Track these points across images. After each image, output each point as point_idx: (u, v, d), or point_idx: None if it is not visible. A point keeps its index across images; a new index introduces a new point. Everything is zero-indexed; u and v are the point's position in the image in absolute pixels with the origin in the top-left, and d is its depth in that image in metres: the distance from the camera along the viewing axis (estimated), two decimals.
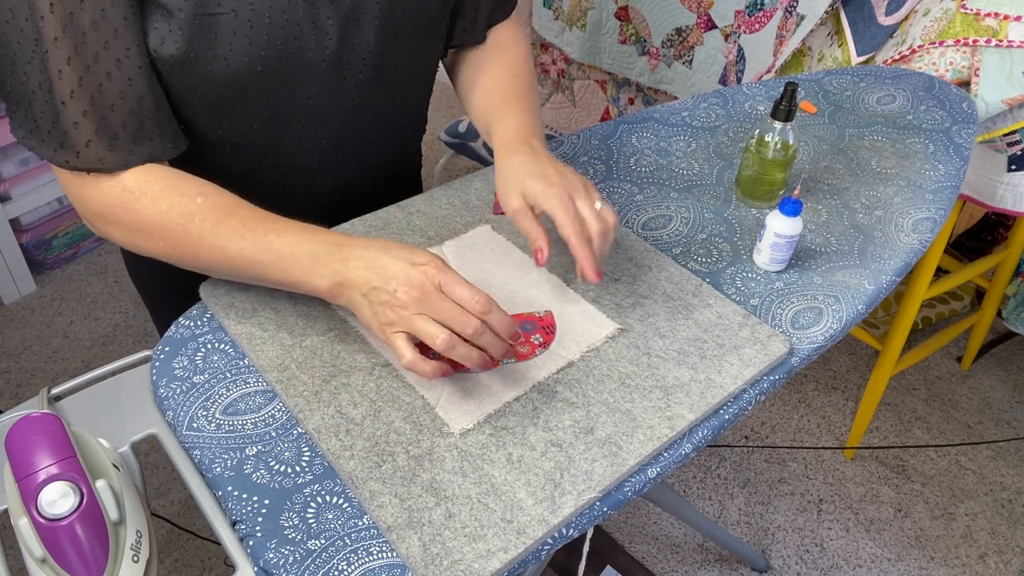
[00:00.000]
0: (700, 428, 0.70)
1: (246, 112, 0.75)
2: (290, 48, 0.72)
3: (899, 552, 1.59)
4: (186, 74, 0.70)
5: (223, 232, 0.68)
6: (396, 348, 0.65)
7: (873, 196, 0.97)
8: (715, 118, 1.10)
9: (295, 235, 0.69)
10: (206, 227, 0.68)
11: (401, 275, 0.65)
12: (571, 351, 0.74)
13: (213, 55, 0.69)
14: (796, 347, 0.77)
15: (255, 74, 0.72)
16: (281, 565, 0.58)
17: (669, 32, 1.83)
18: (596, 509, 0.63)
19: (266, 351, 0.72)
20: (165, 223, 0.68)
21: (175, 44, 0.67)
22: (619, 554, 1.53)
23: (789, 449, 1.78)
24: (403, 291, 0.64)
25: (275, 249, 0.68)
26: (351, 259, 0.67)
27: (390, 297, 0.65)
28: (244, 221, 0.69)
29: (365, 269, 0.66)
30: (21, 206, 1.95)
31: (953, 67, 1.25)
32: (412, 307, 0.64)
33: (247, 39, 0.69)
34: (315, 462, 0.65)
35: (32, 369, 1.88)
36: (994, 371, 1.99)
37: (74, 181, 0.69)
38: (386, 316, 0.65)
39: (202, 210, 0.68)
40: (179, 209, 0.68)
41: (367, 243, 0.68)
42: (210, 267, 0.71)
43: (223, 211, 0.69)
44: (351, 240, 0.69)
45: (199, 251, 0.69)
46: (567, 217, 0.73)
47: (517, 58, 0.92)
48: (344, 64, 0.77)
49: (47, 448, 0.55)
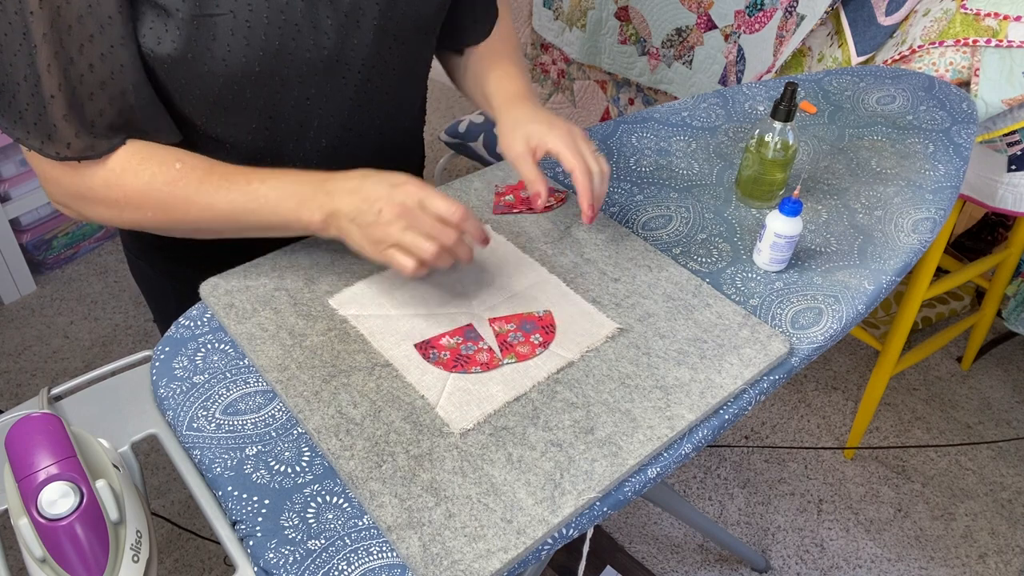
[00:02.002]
0: (700, 428, 0.70)
1: (244, 111, 0.76)
2: (288, 48, 0.72)
3: (899, 552, 1.59)
4: (183, 74, 0.70)
5: (208, 190, 0.71)
6: (394, 262, 0.70)
7: (873, 196, 0.97)
8: (715, 118, 1.10)
9: (278, 180, 0.72)
10: (191, 188, 0.71)
11: (384, 196, 0.69)
12: (571, 351, 0.74)
13: (211, 55, 0.69)
14: (796, 347, 0.77)
15: (253, 74, 0.72)
16: (281, 565, 0.58)
17: (669, 32, 1.83)
18: (596, 509, 0.63)
19: (266, 351, 0.72)
20: (149, 192, 0.71)
21: (172, 44, 0.68)
22: (619, 554, 1.53)
23: (789, 449, 1.78)
24: (387, 210, 0.69)
25: (262, 195, 0.72)
26: (335, 191, 0.71)
27: (376, 217, 0.69)
28: (225, 176, 0.72)
29: (350, 195, 0.71)
30: (21, 206, 1.95)
31: (953, 67, 1.25)
32: (397, 223, 0.69)
33: (245, 40, 0.70)
34: (315, 462, 0.65)
35: (32, 369, 1.88)
36: (994, 371, 1.99)
37: (52, 168, 0.70)
38: (374, 235, 0.70)
39: (183, 174, 0.71)
40: (161, 177, 0.71)
41: (348, 175, 0.72)
42: (200, 226, 0.74)
43: (202, 171, 0.72)
44: (332, 175, 0.73)
45: (187, 212, 0.72)
46: (570, 151, 0.78)
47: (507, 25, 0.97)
48: (342, 64, 0.78)
49: (47, 448, 0.55)
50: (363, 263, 0.82)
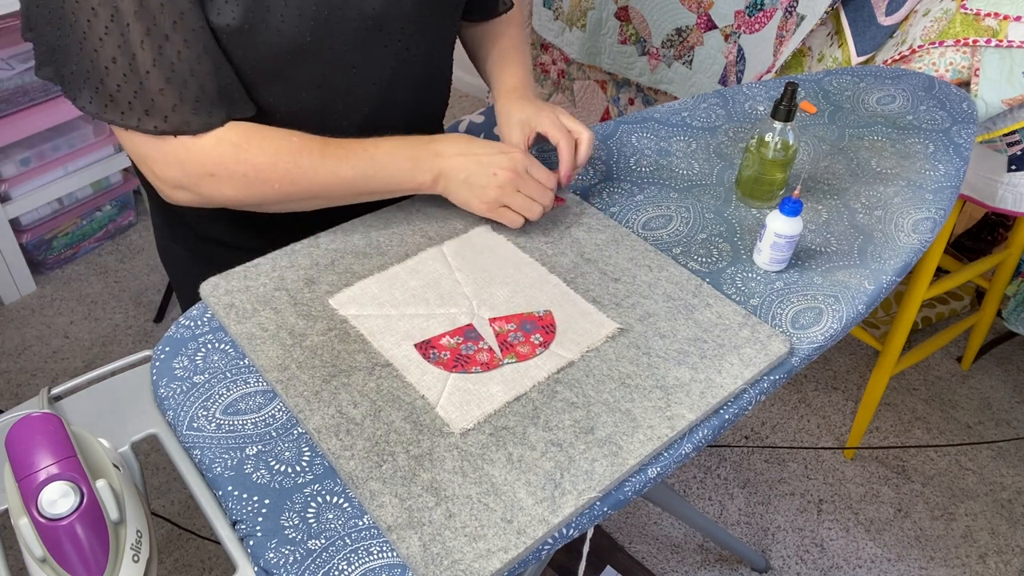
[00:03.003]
0: (700, 428, 0.70)
1: (296, 80, 0.79)
2: (335, 17, 0.76)
3: (899, 552, 1.59)
4: (241, 44, 0.73)
5: (330, 161, 0.77)
6: (505, 218, 0.82)
7: (873, 196, 0.97)
8: (715, 118, 1.10)
9: (389, 144, 0.79)
10: (315, 159, 0.76)
11: (499, 160, 0.80)
12: (571, 351, 0.74)
13: (266, 26, 0.72)
14: (796, 347, 0.77)
15: (305, 43, 0.75)
16: (281, 565, 0.58)
17: (669, 32, 1.83)
18: (596, 509, 0.63)
19: (266, 351, 0.72)
20: (277, 164, 0.75)
21: (232, 15, 0.71)
22: (619, 554, 1.53)
23: (789, 449, 1.78)
24: (502, 174, 0.79)
25: (379, 162, 0.79)
26: (443, 154, 0.80)
27: (489, 180, 0.79)
28: (341, 146, 0.78)
29: (461, 157, 0.80)
30: (21, 206, 1.95)
31: (953, 67, 1.25)
32: (509, 186, 0.80)
33: (297, 10, 0.73)
34: (315, 462, 0.65)
35: (32, 369, 1.88)
36: (994, 371, 1.99)
37: (176, 148, 0.72)
38: (489, 196, 0.80)
39: (302, 147, 0.76)
40: (286, 149, 0.76)
41: (451, 138, 0.82)
42: (323, 194, 0.79)
43: (318, 144, 0.77)
44: (436, 138, 0.81)
45: (313, 181, 0.77)
46: (555, 128, 0.86)
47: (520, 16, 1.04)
48: (384, 32, 0.81)
49: (47, 448, 0.55)
50: (363, 263, 0.82)
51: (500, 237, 0.87)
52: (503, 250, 0.85)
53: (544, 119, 0.87)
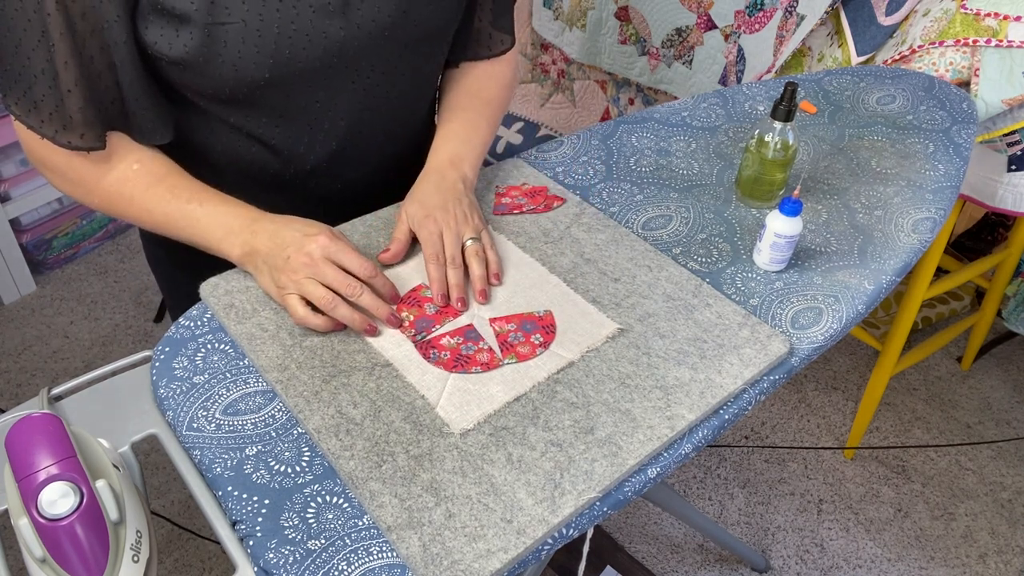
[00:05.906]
0: (700, 428, 0.70)
1: (256, 109, 0.78)
2: (298, 57, 0.74)
3: (899, 552, 1.59)
4: (196, 75, 0.72)
5: (151, 197, 0.76)
6: (289, 307, 0.73)
7: (873, 196, 0.97)
8: (715, 118, 1.10)
9: (215, 206, 0.77)
10: (137, 190, 0.76)
11: (295, 244, 0.73)
12: (571, 351, 0.74)
13: (222, 61, 0.71)
14: (796, 347, 0.77)
15: (263, 79, 0.74)
16: (281, 565, 0.58)
17: (669, 32, 1.83)
18: (596, 509, 0.63)
19: (266, 351, 0.72)
20: (100, 182, 0.76)
21: (184, 48, 0.70)
22: (619, 554, 1.53)
23: (789, 449, 1.78)
24: (295, 258, 0.72)
25: (195, 217, 0.76)
26: (259, 232, 0.75)
27: (284, 263, 0.73)
28: (172, 189, 0.77)
29: (268, 239, 0.74)
30: (21, 206, 1.95)
31: (953, 67, 1.25)
32: (302, 272, 0.72)
33: (255, 48, 0.71)
34: (315, 462, 0.65)
35: (32, 369, 1.88)
36: (994, 371, 1.99)
37: (39, 140, 0.73)
38: (279, 280, 0.73)
39: (136, 175, 0.76)
40: (116, 174, 0.76)
41: (275, 218, 0.76)
42: (139, 224, 0.80)
43: (155, 178, 0.77)
44: (263, 215, 0.77)
45: (128, 209, 0.78)
46: (428, 244, 0.79)
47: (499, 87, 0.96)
48: (351, 70, 0.79)
49: (47, 448, 0.55)
50: None
51: (500, 237, 0.87)
52: (503, 250, 0.85)
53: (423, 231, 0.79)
